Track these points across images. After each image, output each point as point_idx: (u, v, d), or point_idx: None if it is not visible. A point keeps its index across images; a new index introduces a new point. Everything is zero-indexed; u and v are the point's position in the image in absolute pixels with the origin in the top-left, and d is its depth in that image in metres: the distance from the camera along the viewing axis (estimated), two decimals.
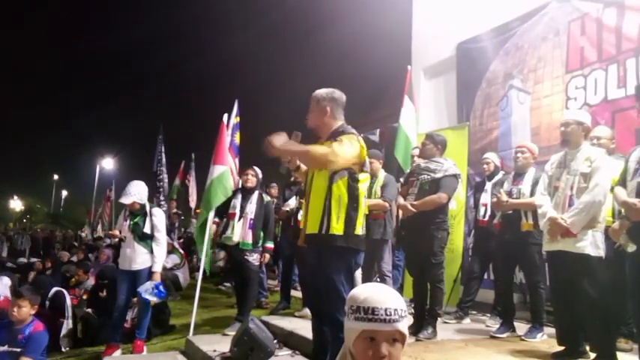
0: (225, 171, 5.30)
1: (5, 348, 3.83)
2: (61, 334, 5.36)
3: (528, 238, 4.10)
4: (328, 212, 2.83)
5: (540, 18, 5.79)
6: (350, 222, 2.85)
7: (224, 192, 5.24)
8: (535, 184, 4.08)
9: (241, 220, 5.15)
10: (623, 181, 3.22)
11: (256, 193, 5.34)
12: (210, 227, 5.36)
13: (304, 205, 3.08)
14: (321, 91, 3.12)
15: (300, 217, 4.53)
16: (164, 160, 12.50)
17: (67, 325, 5.47)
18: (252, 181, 5.33)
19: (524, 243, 4.12)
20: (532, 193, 4.08)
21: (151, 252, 4.88)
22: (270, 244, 5.41)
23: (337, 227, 2.82)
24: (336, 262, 2.87)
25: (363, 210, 2.95)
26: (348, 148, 2.84)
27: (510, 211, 4.25)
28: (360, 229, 2.93)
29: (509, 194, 4.27)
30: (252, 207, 5.20)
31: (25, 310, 3.92)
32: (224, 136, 5.46)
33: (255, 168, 5.44)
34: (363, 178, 2.95)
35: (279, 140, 2.90)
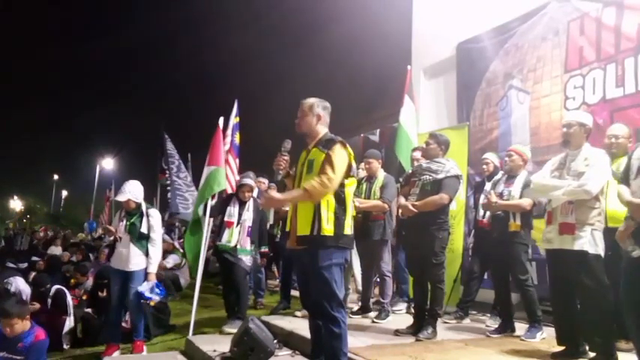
0: (214, 170, 5.34)
1: (4, 354, 3.78)
2: (64, 332, 5.35)
3: (515, 237, 4.23)
4: (319, 215, 3.01)
5: (540, 18, 5.79)
6: (339, 223, 3.04)
7: (209, 191, 5.33)
8: (525, 186, 4.24)
9: (239, 226, 5.31)
10: (626, 180, 3.09)
11: (252, 199, 5.48)
12: (206, 230, 5.40)
13: (291, 208, 3.24)
14: (313, 99, 3.28)
15: None
16: (177, 157, 12.27)
17: (70, 322, 5.47)
18: (248, 197, 5.46)
19: (510, 242, 4.24)
20: (522, 196, 4.24)
21: (146, 253, 4.86)
22: (265, 249, 5.94)
23: (328, 229, 3.00)
24: (329, 262, 3.02)
25: (350, 212, 3.13)
26: (338, 169, 3.00)
27: (500, 212, 4.32)
28: (348, 229, 3.09)
29: (501, 195, 4.36)
30: (249, 214, 5.39)
31: (18, 326, 3.83)
32: (219, 138, 5.49)
33: (251, 183, 5.48)
34: (349, 182, 3.12)
35: (277, 194, 3.27)
